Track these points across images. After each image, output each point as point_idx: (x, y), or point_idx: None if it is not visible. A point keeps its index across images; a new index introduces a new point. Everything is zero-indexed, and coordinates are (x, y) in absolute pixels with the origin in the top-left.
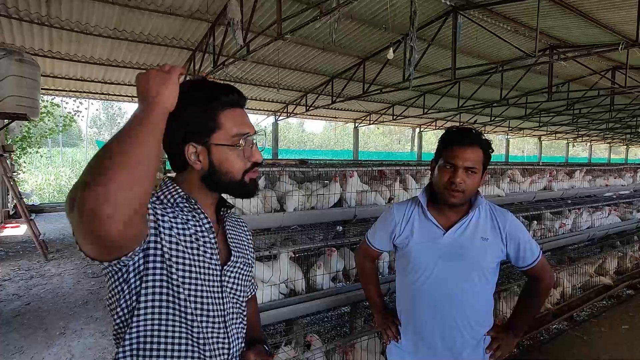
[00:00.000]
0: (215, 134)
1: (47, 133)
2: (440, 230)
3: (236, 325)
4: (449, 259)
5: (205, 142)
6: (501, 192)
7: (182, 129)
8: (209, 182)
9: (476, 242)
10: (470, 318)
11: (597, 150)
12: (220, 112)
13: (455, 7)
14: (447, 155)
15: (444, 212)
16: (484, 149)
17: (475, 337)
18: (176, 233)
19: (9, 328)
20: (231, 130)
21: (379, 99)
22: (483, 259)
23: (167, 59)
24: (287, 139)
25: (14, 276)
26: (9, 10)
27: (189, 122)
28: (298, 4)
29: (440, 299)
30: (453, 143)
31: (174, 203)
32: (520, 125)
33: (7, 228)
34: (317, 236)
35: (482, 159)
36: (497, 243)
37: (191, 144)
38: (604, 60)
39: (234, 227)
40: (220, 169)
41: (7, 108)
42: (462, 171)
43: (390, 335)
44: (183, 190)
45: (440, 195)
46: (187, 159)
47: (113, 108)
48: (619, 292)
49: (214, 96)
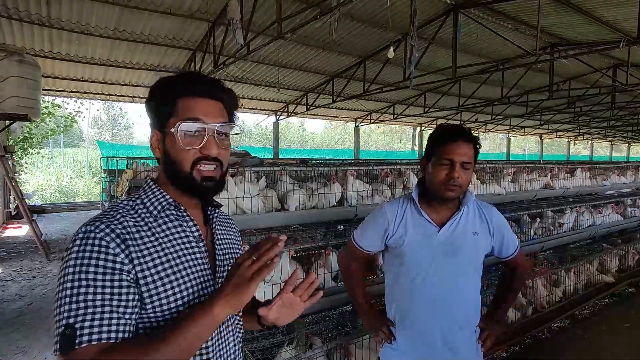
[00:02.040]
0: (171, 119)
1: (49, 134)
2: (435, 228)
3: (233, 333)
4: (444, 255)
5: (162, 129)
6: (502, 191)
7: (151, 117)
8: (167, 173)
9: (468, 237)
10: (467, 312)
11: (599, 148)
12: (180, 99)
13: (456, 5)
14: (442, 152)
15: (436, 209)
16: (474, 144)
17: (470, 330)
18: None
19: (11, 328)
20: (182, 116)
21: (379, 98)
22: (475, 253)
23: (168, 59)
24: (288, 139)
25: (16, 276)
26: (10, 11)
27: (153, 108)
28: (298, 4)
29: (439, 295)
30: (447, 140)
31: (160, 210)
32: (521, 124)
33: (9, 229)
34: (318, 235)
35: (474, 154)
36: (486, 237)
37: (155, 131)
38: (605, 58)
39: (222, 226)
40: (169, 157)
41: (9, 109)
42: (459, 166)
43: (384, 336)
44: (168, 193)
45: (437, 192)
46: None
47: (114, 108)
48: (620, 290)
49: (175, 82)
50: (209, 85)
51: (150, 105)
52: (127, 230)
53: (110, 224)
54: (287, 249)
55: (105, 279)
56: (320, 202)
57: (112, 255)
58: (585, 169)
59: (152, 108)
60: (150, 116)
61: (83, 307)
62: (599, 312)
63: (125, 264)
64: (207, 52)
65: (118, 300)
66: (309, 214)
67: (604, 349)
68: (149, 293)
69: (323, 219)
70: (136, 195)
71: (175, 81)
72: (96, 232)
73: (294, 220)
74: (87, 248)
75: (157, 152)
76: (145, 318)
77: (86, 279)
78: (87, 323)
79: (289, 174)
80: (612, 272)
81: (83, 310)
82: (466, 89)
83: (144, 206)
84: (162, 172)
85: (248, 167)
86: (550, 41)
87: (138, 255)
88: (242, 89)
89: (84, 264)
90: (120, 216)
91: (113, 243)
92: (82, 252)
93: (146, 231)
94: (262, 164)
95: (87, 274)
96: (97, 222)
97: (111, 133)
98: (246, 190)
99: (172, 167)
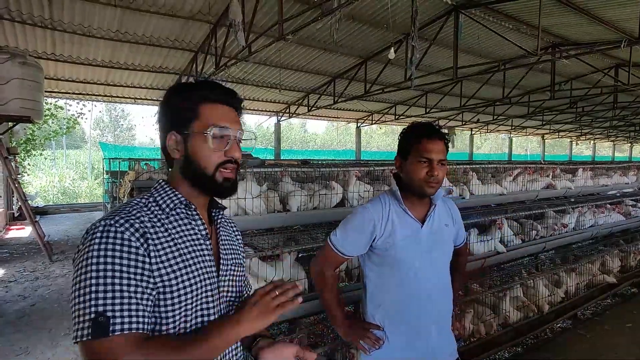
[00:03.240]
0: (193, 123)
1: (51, 135)
2: (418, 224)
3: None
4: (429, 249)
5: (184, 131)
6: (503, 191)
7: (167, 119)
8: (186, 174)
9: (444, 229)
10: (450, 299)
11: (601, 148)
12: (201, 104)
13: (457, 6)
14: (420, 150)
15: (414, 206)
16: (445, 142)
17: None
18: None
19: (14, 329)
20: (208, 120)
21: (380, 99)
22: (450, 244)
23: (169, 61)
24: (290, 140)
25: (19, 277)
26: (12, 14)
27: (172, 111)
28: (299, 5)
29: (432, 288)
30: (423, 137)
31: (173, 208)
32: (523, 124)
33: (12, 230)
34: (320, 236)
35: (445, 152)
36: (452, 227)
37: (172, 132)
38: (606, 57)
39: (225, 228)
40: (193, 159)
41: (11, 111)
42: (437, 164)
43: (370, 342)
44: (180, 193)
45: (418, 189)
46: (169, 149)
47: (116, 110)
48: (623, 291)
49: (197, 88)
50: (226, 94)
51: (168, 108)
52: (144, 225)
53: (129, 219)
54: (290, 249)
55: (130, 271)
56: (322, 203)
57: (135, 248)
58: (587, 169)
59: (171, 111)
60: (165, 119)
61: (112, 296)
62: (601, 313)
63: (146, 257)
64: (208, 53)
65: (142, 292)
66: (310, 214)
67: (606, 350)
68: (162, 284)
69: (324, 220)
70: (148, 194)
71: (197, 87)
72: (117, 226)
73: (295, 220)
74: (110, 240)
75: (176, 153)
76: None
77: (113, 270)
78: (118, 313)
79: (290, 175)
80: (615, 273)
81: (112, 300)
82: (467, 89)
83: (157, 204)
84: (177, 172)
85: (250, 167)
86: (551, 41)
87: (154, 249)
88: (243, 90)
89: (109, 255)
90: (137, 212)
91: (133, 237)
92: (105, 243)
93: (159, 227)
94: (264, 164)
95: (113, 265)
96: (116, 216)
97: (113, 134)
98: (248, 191)
99: (194, 168)
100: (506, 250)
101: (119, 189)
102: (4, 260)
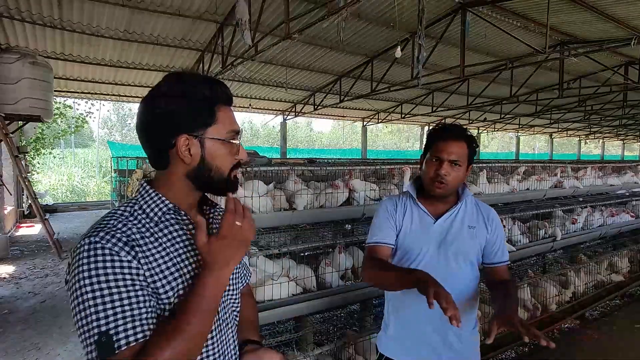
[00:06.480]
0: (211, 127)
1: (60, 134)
2: (431, 219)
3: (232, 330)
4: (438, 245)
5: (199, 135)
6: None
7: (176, 121)
8: (196, 177)
9: (465, 230)
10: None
11: (610, 147)
12: (217, 107)
13: (464, 4)
14: (433, 150)
15: (433, 204)
16: (469, 143)
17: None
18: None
19: (25, 325)
20: (226, 126)
21: (387, 98)
22: (470, 245)
23: (177, 60)
24: (296, 139)
25: (30, 274)
26: (22, 14)
27: (186, 113)
28: (306, 4)
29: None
30: (439, 138)
31: (161, 216)
32: (530, 123)
33: (22, 227)
34: (326, 234)
35: (467, 153)
36: (482, 229)
37: (184, 135)
38: (616, 55)
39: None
40: (211, 164)
41: (22, 110)
42: (447, 164)
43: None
44: (167, 197)
45: (427, 187)
46: (177, 152)
47: (124, 109)
48: (631, 291)
49: (214, 90)
50: (230, 95)
51: (178, 108)
52: (132, 237)
53: (115, 233)
54: (297, 247)
55: (127, 284)
56: (328, 202)
57: (127, 261)
58: (596, 168)
59: (182, 111)
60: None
61: (112, 313)
62: (609, 313)
63: (139, 269)
64: (215, 52)
65: (144, 301)
66: (316, 213)
67: (614, 350)
68: (156, 292)
69: (330, 219)
70: (133, 201)
71: (213, 88)
72: (102, 243)
73: (302, 219)
74: (98, 258)
75: (187, 158)
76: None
77: (108, 287)
78: (121, 327)
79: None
80: (623, 273)
81: (113, 317)
82: (475, 87)
83: (143, 212)
84: (177, 175)
85: (257, 166)
86: (559, 39)
87: (146, 261)
88: (250, 89)
89: (100, 274)
90: (121, 225)
91: (123, 251)
92: (94, 262)
93: (149, 237)
94: (270, 163)
95: (107, 282)
96: (99, 231)
97: (121, 133)
98: (254, 190)
99: (210, 173)
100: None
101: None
102: (15, 258)
